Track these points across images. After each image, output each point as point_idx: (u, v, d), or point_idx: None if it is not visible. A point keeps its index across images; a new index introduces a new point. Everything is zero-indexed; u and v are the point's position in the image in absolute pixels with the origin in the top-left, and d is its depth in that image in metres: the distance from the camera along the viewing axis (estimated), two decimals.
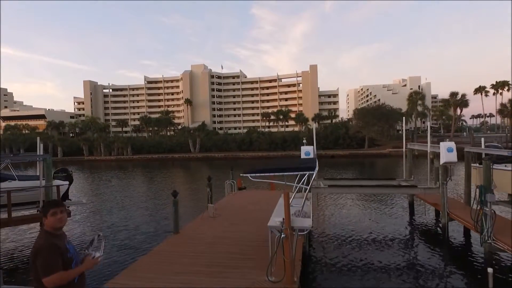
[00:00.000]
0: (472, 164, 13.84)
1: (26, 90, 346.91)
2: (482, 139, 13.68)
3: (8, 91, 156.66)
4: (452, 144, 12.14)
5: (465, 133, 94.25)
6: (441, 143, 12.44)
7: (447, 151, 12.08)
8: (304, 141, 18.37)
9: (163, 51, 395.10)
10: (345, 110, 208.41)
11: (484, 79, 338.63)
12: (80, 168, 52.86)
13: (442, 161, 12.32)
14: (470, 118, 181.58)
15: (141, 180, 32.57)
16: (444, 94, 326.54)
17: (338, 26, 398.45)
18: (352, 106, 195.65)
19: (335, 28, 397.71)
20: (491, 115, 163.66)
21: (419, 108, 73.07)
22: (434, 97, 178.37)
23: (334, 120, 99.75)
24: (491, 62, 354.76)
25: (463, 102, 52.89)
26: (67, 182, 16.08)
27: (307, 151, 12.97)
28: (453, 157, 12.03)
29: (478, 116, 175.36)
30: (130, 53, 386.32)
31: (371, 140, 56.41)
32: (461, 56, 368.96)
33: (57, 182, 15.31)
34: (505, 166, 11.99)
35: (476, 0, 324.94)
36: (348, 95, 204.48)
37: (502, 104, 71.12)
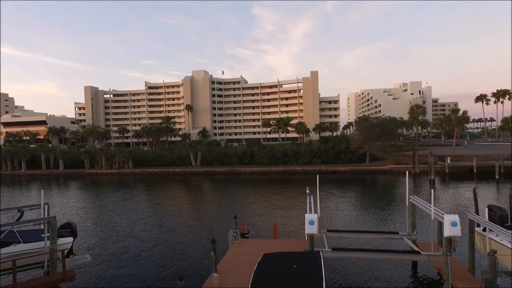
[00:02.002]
0: (475, 229, 13.86)
1: (27, 90, 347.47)
2: (486, 211, 13.58)
3: (9, 91, 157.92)
4: (456, 218, 12.14)
5: (466, 141, 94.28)
6: (445, 215, 12.44)
7: (451, 225, 12.09)
8: (307, 190, 18.44)
9: (164, 51, 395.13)
10: (345, 110, 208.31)
11: (484, 78, 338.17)
12: (82, 185, 52.93)
13: (445, 234, 12.33)
14: (471, 122, 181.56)
15: (146, 206, 32.56)
16: (445, 94, 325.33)
17: (339, 26, 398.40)
18: (352, 109, 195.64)
19: (336, 28, 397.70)
20: (491, 120, 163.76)
21: (420, 119, 73.12)
22: (435, 101, 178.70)
23: (335, 132, 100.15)
24: (492, 62, 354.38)
25: (464, 119, 52.89)
26: (71, 239, 16.15)
27: (311, 220, 12.98)
28: (457, 231, 12.04)
29: (479, 120, 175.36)
30: (131, 53, 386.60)
31: (372, 154, 56.36)
32: (462, 56, 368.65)
33: (61, 240, 15.37)
34: (509, 242, 11.96)
35: (477, 0, 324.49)
36: (348, 99, 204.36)
37: (503, 121, 71.26)
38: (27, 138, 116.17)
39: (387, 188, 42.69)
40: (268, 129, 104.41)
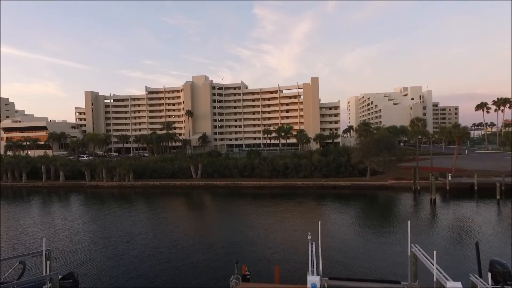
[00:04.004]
0: None
1: (27, 90, 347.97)
2: (489, 276, 13.54)
3: (10, 90, 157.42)
4: (459, 286, 12.12)
5: (466, 150, 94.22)
6: (448, 283, 12.41)
7: None
8: (309, 236, 18.43)
9: (164, 51, 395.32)
10: (345, 110, 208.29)
11: (485, 78, 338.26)
12: (83, 199, 52.96)
13: None
14: (471, 127, 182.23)
15: (152, 232, 32.46)
16: (445, 94, 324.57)
17: (340, 26, 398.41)
18: (353, 113, 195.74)
19: (337, 28, 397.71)
20: (492, 124, 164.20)
21: (421, 130, 73.21)
22: (435, 105, 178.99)
23: (335, 139, 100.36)
24: (492, 62, 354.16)
25: (465, 134, 53.01)
26: None
27: (314, 283, 12.98)
28: None
29: (480, 125, 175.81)
30: (131, 53, 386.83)
31: (373, 169, 56.32)
32: (463, 56, 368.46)
33: None
34: None
35: (478, 0, 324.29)
36: (349, 102, 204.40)
37: (504, 133, 71.40)
38: (28, 144, 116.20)
39: (388, 208, 42.39)
40: (269, 136, 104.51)
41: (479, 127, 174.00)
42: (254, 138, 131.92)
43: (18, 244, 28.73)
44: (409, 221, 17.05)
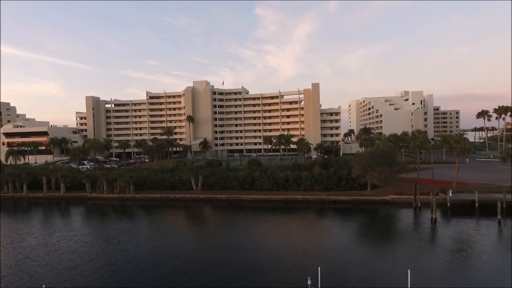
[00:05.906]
0: None
1: (29, 90, 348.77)
2: None
3: (11, 90, 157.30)
4: None
5: (467, 158, 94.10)
6: None
7: None
8: (309, 281, 18.50)
9: (166, 51, 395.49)
10: (345, 111, 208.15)
11: (485, 78, 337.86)
12: (84, 213, 53.12)
13: None
14: (472, 131, 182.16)
15: (152, 252, 32.59)
16: (446, 95, 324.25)
17: (342, 26, 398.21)
18: (354, 117, 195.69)
19: (339, 29, 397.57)
20: (493, 129, 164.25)
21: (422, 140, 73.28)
22: (436, 109, 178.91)
23: (336, 144, 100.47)
24: (493, 62, 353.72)
25: (466, 150, 52.99)
26: None
27: None
28: None
29: (480, 129, 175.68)
30: (133, 54, 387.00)
31: (373, 183, 56.34)
32: (463, 56, 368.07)
33: None
34: None
35: (480, 0, 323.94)
36: (350, 106, 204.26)
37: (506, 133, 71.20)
38: (29, 149, 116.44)
39: (388, 229, 41.92)
40: (271, 142, 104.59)
41: (480, 131, 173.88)
42: (255, 143, 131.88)
43: (22, 272, 28.76)
44: (409, 270, 17.12)
